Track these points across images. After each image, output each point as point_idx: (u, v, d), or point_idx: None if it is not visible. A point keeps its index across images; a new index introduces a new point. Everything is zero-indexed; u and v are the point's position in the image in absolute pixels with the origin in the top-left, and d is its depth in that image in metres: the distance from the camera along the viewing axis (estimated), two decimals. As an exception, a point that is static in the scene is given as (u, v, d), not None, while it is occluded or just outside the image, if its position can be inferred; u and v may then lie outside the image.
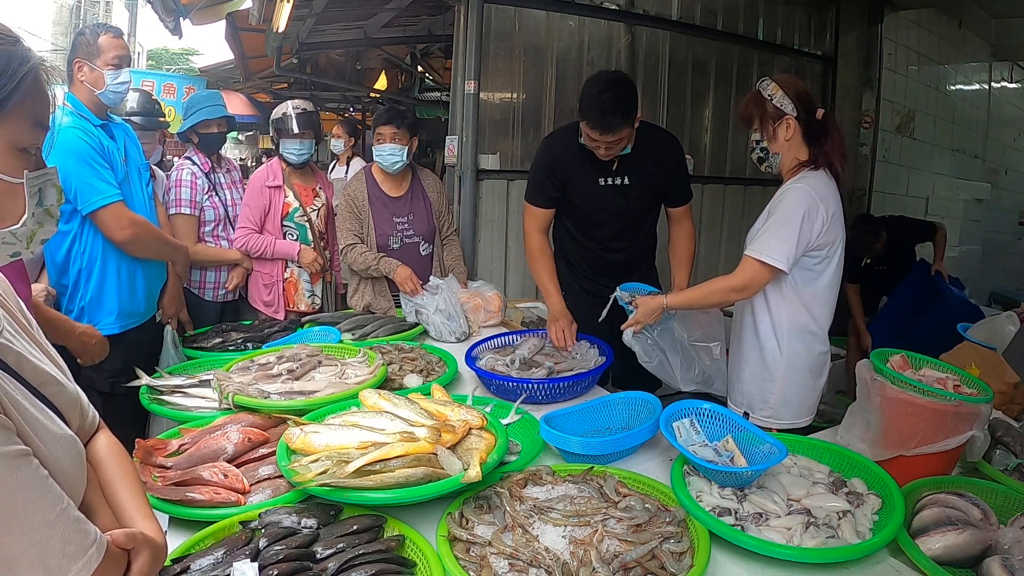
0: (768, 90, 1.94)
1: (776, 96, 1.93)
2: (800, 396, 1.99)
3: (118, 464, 0.98)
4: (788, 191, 1.88)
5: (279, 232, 2.95)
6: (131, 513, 0.92)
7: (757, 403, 2.02)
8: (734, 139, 4.63)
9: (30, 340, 0.90)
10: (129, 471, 0.99)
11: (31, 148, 0.84)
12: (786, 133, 1.93)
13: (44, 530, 0.72)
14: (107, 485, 0.95)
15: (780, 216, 1.85)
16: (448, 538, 1.23)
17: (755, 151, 2.00)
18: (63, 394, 0.90)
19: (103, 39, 2.22)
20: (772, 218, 1.88)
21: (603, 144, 2.22)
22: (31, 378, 0.84)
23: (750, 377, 2.03)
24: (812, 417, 2.03)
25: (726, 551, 1.26)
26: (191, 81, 8.32)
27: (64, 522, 0.74)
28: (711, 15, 4.33)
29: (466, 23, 3.43)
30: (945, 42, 5.84)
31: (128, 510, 0.93)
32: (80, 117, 2.20)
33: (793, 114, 1.91)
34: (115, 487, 0.95)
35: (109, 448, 1.00)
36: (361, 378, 1.89)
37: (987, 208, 6.21)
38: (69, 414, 0.90)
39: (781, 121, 1.92)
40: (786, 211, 1.84)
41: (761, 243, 1.86)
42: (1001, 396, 1.91)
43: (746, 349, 2.04)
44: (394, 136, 2.78)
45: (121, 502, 0.94)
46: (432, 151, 9.35)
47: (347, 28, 5.68)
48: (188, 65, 21.91)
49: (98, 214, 2.15)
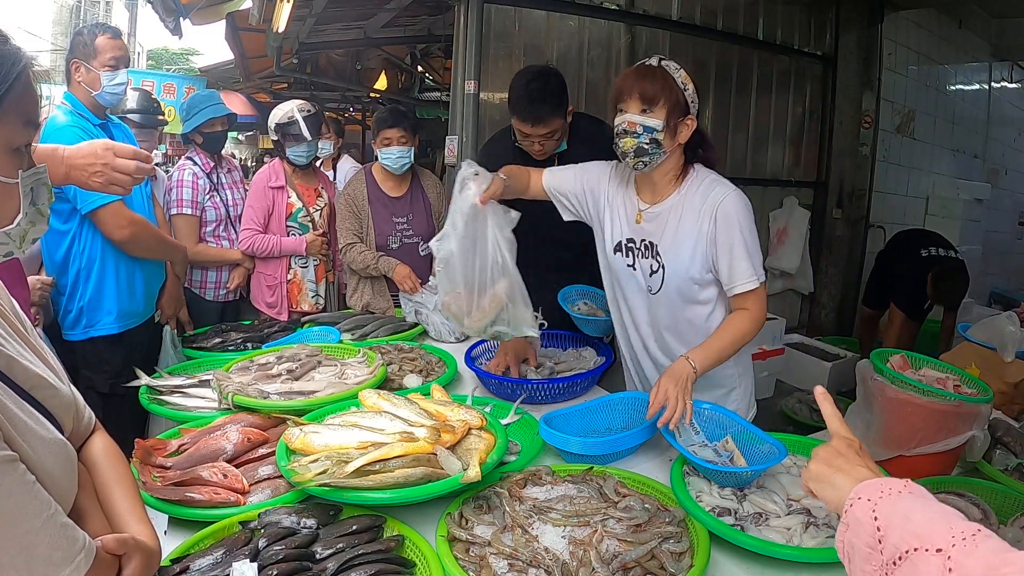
0: (680, 77, 1.63)
1: (689, 89, 1.64)
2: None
3: (113, 467, 0.97)
4: (729, 201, 1.66)
5: (284, 232, 2.96)
6: (125, 517, 0.92)
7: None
8: (734, 139, 4.63)
9: (22, 342, 0.89)
10: (124, 474, 0.98)
11: (23, 147, 0.84)
12: (685, 135, 1.66)
13: (30, 536, 0.71)
14: (101, 488, 0.94)
15: (747, 230, 1.66)
16: (447, 538, 1.23)
17: (637, 137, 1.61)
18: (56, 397, 0.89)
19: (100, 40, 2.22)
20: (741, 235, 1.65)
21: (536, 139, 2.11)
22: (22, 381, 0.83)
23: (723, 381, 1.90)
24: None
25: (726, 551, 1.26)
26: (191, 81, 8.32)
27: (51, 528, 0.74)
28: (711, 15, 4.33)
29: (466, 23, 3.42)
30: (945, 42, 5.84)
31: (122, 514, 0.92)
32: (79, 116, 2.20)
33: (694, 116, 1.66)
34: (110, 490, 0.94)
35: (105, 450, 0.99)
36: (361, 378, 1.88)
37: (987, 208, 6.20)
38: (62, 417, 0.90)
39: (685, 119, 1.65)
40: (747, 223, 1.67)
41: (753, 267, 1.66)
42: (1001, 396, 1.91)
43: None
44: (400, 139, 2.79)
45: (115, 505, 0.93)
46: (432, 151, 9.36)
47: (347, 28, 5.67)
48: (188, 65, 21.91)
49: (97, 213, 2.15)
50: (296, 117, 2.91)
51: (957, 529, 0.67)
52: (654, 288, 1.79)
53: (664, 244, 1.75)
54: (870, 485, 0.80)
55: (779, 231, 5.06)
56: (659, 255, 1.76)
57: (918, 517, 0.71)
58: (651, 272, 1.78)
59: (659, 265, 1.76)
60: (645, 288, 1.82)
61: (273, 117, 2.99)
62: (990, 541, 0.65)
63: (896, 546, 0.70)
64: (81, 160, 1.43)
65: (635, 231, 1.81)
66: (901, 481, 0.79)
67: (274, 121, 2.97)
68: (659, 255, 1.76)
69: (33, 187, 0.87)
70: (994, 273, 6.54)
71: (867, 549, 0.74)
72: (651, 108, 1.61)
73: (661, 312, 1.82)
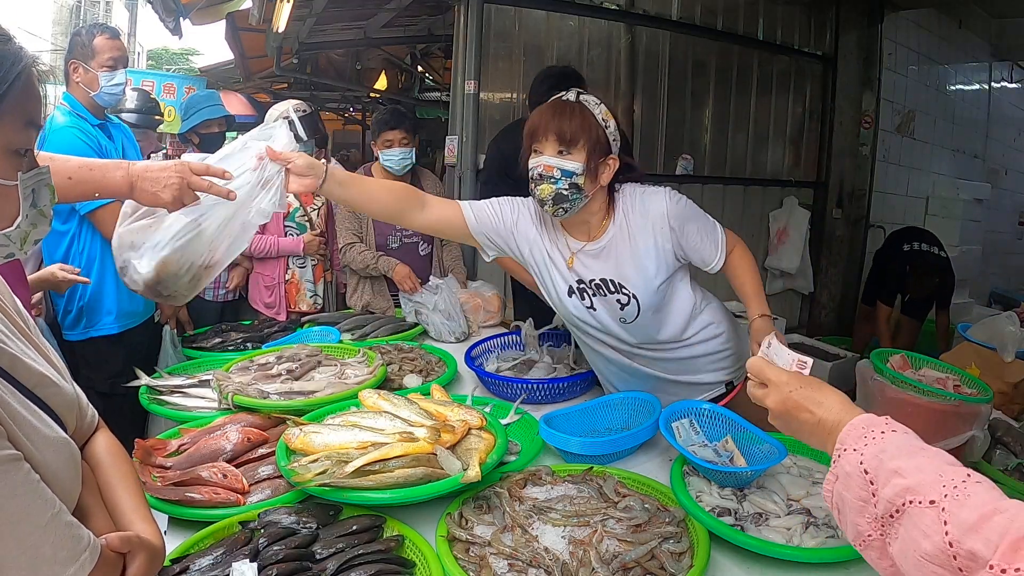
0: (600, 114, 1.55)
1: (611, 126, 1.55)
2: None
3: (116, 465, 0.97)
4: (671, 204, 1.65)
5: (281, 232, 2.96)
6: (129, 515, 0.91)
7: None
8: (734, 139, 4.63)
9: (25, 341, 0.89)
10: (128, 472, 0.98)
11: (23, 149, 0.83)
12: (607, 176, 1.57)
13: (35, 536, 0.71)
14: (105, 486, 0.94)
15: (695, 217, 1.68)
16: (447, 538, 1.23)
17: (555, 183, 1.52)
18: (59, 395, 0.89)
19: (98, 40, 2.22)
20: (696, 225, 1.68)
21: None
22: (25, 380, 0.83)
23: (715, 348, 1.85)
24: None
25: (726, 551, 1.26)
26: (191, 81, 8.30)
27: (56, 527, 0.73)
28: (711, 15, 4.33)
29: (466, 23, 3.42)
30: (945, 42, 5.84)
31: (126, 512, 0.92)
32: (78, 117, 2.20)
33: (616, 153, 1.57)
34: (113, 488, 0.94)
35: (108, 448, 0.99)
36: (360, 378, 1.88)
37: (987, 208, 6.19)
38: (66, 415, 0.90)
39: (606, 159, 1.56)
40: (692, 211, 1.68)
41: (715, 240, 1.69)
42: (1001, 396, 1.92)
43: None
44: (402, 140, 2.80)
45: (119, 503, 0.93)
46: (432, 151, 9.36)
47: (347, 28, 5.68)
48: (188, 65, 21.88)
49: (96, 214, 2.15)
50: (292, 118, 2.91)
51: (947, 477, 0.68)
52: (628, 319, 1.71)
53: (625, 274, 1.67)
54: (854, 431, 0.81)
55: (779, 231, 5.06)
56: (623, 288, 1.68)
57: (907, 465, 0.72)
58: (621, 306, 1.70)
59: (628, 297, 1.68)
60: (617, 320, 1.73)
61: (269, 117, 2.99)
62: (980, 488, 0.66)
63: (890, 501, 0.71)
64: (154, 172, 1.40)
65: (579, 272, 1.71)
66: (882, 420, 0.80)
67: (270, 120, 2.97)
68: (623, 288, 1.68)
69: (35, 188, 0.87)
70: (994, 273, 6.54)
71: (859, 503, 0.75)
72: (569, 150, 1.51)
73: (637, 331, 1.76)
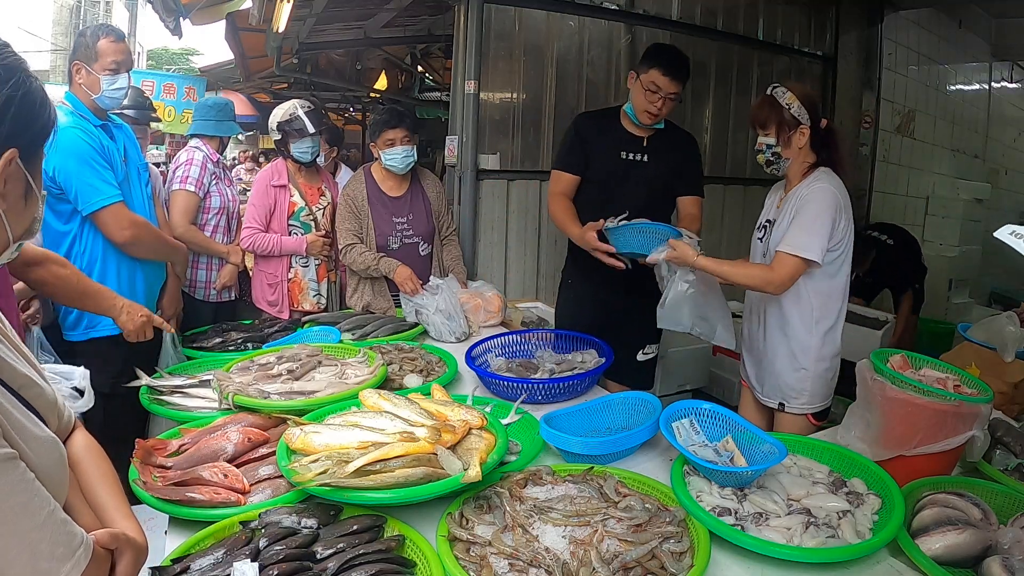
0: (785, 99, 2.01)
1: (793, 106, 2.01)
2: (827, 381, 2.12)
3: (96, 464, 0.99)
4: (815, 191, 1.97)
5: (285, 231, 2.97)
6: (111, 513, 0.93)
7: (792, 394, 2.11)
8: (734, 139, 4.63)
9: (8, 343, 0.91)
10: (107, 470, 0.99)
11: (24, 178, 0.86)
12: (800, 141, 2.03)
13: (34, 533, 0.72)
14: (86, 485, 0.95)
15: (810, 213, 1.94)
16: (448, 538, 1.23)
17: (764, 154, 2.08)
18: (41, 396, 0.91)
19: (102, 43, 2.22)
20: (801, 216, 1.96)
21: (665, 95, 2.38)
22: (11, 381, 0.84)
23: (783, 370, 2.11)
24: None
25: (726, 551, 1.26)
26: (191, 81, 8.30)
27: (52, 525, 0.75)
28: (711, 15, 4.33)
29: (466, 23, 3.42)
30: (945, 42, 5.84)
31: (109, 509, 0.93)
32: (80, 117, 2.20)
33: (807, 123, 2.01)
34: (94, 486, 0.95)
35: (86, 447, 1.00)
36: (361, 378, 1.89)
37: (987, 208, 6.18)
38: (48, 415, 0.91)
39: (796, 129, 2.02)
40: (816, 208, 1.94)
41: (796, 239, 1.94)
42: (1001, 396, 1.92)
43: (775, 344, 2.12)
44: (404, 138, 2.80)
45: (101, 501, 0.94)
46: (432, 151, 9.36)
47: (347, 28, 5.67)
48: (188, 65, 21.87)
49: (99, 215, 2.15)
50: (298, 112, 2.93)
51: None
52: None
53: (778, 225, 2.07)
54: None
55: (779, 231, 5.05)
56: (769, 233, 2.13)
57: None
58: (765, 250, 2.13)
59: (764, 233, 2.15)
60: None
61: (274, 117, 3.00)
62: None
63: None
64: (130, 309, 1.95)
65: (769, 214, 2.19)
66: None
67: (276, 120, 2.98)
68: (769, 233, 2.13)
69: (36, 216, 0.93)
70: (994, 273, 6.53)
71: None
72: (764, 130, 2.05)
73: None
